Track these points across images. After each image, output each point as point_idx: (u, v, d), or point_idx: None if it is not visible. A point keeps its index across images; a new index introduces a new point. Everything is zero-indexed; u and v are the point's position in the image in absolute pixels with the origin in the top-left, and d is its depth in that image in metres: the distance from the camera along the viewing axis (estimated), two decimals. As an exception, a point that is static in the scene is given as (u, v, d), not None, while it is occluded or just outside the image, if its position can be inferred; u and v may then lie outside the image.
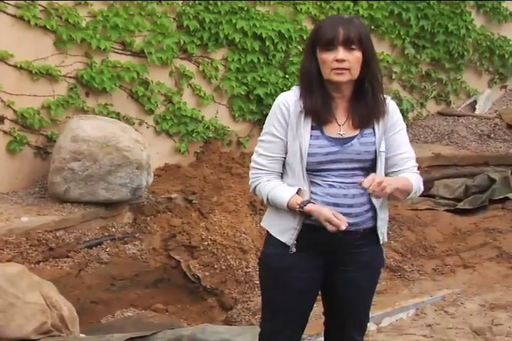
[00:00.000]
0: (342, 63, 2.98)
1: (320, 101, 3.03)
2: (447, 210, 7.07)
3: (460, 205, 7.14)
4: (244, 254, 6.09)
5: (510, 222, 6.64)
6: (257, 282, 5.83)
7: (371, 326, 5.13)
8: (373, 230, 3.15)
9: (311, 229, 3.06)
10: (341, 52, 2.97)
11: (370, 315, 5.01)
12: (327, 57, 2.99)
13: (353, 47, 2.99)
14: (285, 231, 3.10)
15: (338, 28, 2.99)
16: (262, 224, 3.26)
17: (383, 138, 3.11)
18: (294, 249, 3.09)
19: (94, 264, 5.76)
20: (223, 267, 5.98)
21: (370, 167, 3.11)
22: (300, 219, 3.06)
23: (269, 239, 3.19)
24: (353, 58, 2.99)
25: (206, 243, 6.09)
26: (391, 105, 3.16)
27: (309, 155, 3.03)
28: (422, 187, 3.18)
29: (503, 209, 6.94)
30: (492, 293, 5.66)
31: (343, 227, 2.94)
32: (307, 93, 3.05)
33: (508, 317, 5.20)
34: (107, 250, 5.89)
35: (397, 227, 6.63)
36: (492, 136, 8.52)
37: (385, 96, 3.13)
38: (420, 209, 7.00)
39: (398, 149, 3.15)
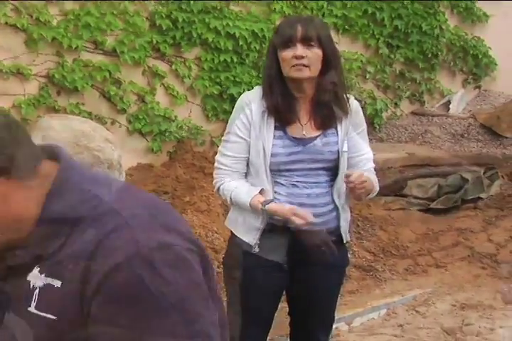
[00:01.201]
0: (301, 60, 3.01)
1: (281, 101, 3.06)
2: (420, 210, 7.09)
3: (433, 205, 7.16)
4: (216, 254, 6.07)
5: (482, 222, 6.68)
6: (229, 282, 5.83)
7: (342, 326, 5.15)
8: (337, 230, 3.17)
9: (274, 228, 3.07)
10: (300, 49, 3.01)
11: (342, 315, 5.07)
12: (286, 54, 3.03)
13: (312, 43, 3.01)
14: (249, 231, 3.11)
15: (296, 26, 3.03)
16: (225, 223, 3.26)
17: (346, 137, 3.13)
18: (257, 249, 3.10)
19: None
20: (195, 267, 5.96)
21: (333, 166, 3.13)
22: (264, 218, 3.07)
23: (233, 239, 3.19)
24: (312, 55, 3.02)
25: (178, 243, 6.07)
26: (354, 105, 3.18)
27: (272, 155, 3.05)
28: (378, 188, 3.22)
29: (476, 209, 6.97)
30: (463, 293, 5.69)
31: (310, 218, 2.96)
32: (269, 93, 3.06)
33: (478, 317, 5.24)
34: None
35: (369, 227, 6.64)
36: (466, 135, 8.57)
37: (348, 95, 3.14)
38: (393, 209, 7.02)
39: (360, 150, 3.19)
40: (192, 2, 7.01)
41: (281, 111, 3.06)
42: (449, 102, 9.26)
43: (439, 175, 7.74)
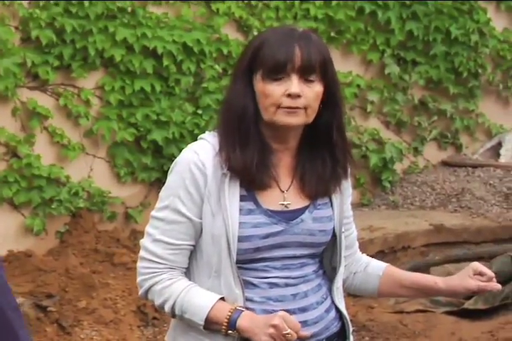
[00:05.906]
0: (296, 100, 2.97)
1: (257, 157, 3.03)
2: (449, 312, 7.06)
3: (469, 304, 7.12)
4: (127, 390, 6.06)
5: (542, 330, 6.65)
6: None
7: None
8: (339, 335, 3.21)
9: None
10: (296, 84, 2.96)
11: None
12: (273, 89, 2.97)
13: (312, 78, 2.98)
14: None
15: (293, 46, 2.98)
16: None
17: (343, 211, 3.21)
18: None
19: None
20: None
21: (322, 253, 3.19)
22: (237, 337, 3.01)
23: None
24: (311, 94, 2.99)
25: (67, 374, 6.05)
26: None
27: (240, 239, 3.01)
28: None
29: (534, 309, 6.96)
30: None
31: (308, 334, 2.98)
32: (237, 144, 3.00)
33: None
34: None
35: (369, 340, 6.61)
36: (525, 196, 8.61)
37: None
38: (407, 312, 6.99)
39: (352, 225, 3.34)
40: (87, 3, 7.07)
41: (253, 172, 3.03)
42: (499, 145, 9.29)
43: (481, 257, 7.72)
